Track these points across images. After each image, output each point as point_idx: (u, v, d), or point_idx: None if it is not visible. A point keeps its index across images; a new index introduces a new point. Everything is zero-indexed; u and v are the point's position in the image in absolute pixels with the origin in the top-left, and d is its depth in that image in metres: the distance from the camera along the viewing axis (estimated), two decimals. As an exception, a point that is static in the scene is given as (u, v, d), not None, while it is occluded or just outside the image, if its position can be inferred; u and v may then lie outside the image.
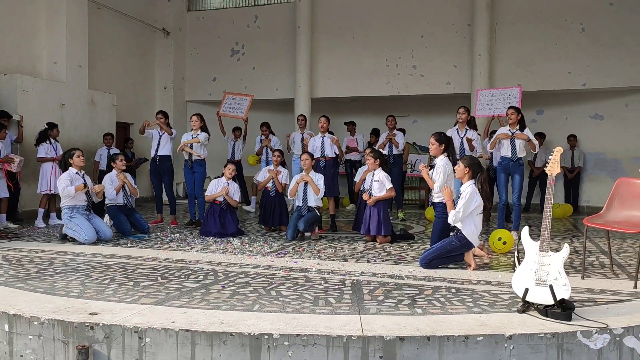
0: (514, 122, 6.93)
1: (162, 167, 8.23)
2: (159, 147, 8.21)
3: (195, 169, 8.02)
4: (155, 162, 8.23)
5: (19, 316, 3.45)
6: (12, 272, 4.78)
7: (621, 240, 6.66)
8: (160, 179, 8.33)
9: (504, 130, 7.02)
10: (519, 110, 7.02)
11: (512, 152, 6.92)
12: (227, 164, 7.56)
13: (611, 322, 3.25)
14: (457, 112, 7.53)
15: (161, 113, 8.38)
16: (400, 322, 3.28)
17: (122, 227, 7.08)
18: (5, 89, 8.81)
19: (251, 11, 13.06)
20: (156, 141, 8.25)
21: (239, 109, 9.50)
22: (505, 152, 6.98)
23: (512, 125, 6.95)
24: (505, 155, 6.99)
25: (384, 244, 6.42)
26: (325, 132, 7.95)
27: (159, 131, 8.27)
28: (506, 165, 7.01)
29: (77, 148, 6.92)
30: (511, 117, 6.93)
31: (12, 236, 6.98)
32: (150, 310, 3.54)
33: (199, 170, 8.06)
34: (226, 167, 7.42)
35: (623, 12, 10.48)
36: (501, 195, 7.04)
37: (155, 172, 8.30)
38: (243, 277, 4.57)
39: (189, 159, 8.05)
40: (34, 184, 8.69)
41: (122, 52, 11.99)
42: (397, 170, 8.89)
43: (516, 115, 6.91)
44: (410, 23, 11.72)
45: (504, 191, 7.03)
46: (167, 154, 8.24)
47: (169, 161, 8.27)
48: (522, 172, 7.01)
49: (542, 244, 3.47)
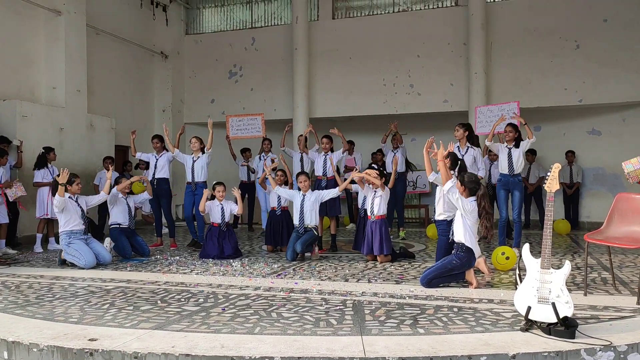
0: (510, 139, 6.96)
1: (160, 190, 8.21)
2: (156, 170, 8.22)
3: (197, 192, 7.99)
4: (153, 185, 8.23)
5: (18, 343, 3.42)
6: (11, 298, 4.75)
7: (622, 256, 6.64)
8: (158, 202, 8.31)
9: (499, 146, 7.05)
10: (517, 128, 7.05)
11: (509, 168, 6.94)
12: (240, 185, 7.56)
13: (615, 340, 3.23)
14: (455, 130, 7.48)
15: (157, 137, 8.39)
16: (403, 343, 3.25)
17: (123, 249, 7.06)
18: (4, 115, 8.85)
19: (248, 34, 13.19)
20: (153, 165, 8.27)
21: (252, 129, 9.57)
22: (503, 169, 7.00)
23: (509, 142, 6.98)
24: (503, 172, 7.01)
25: (385, 263, 6.39)
26: (327, 152, 8.00)
27: (155, 155, 8.29)
28: (506, 182, 7.02)
29: (76, 175, 6.89)
30: (509, 134, 6.96)
31: (11, 262, 6.95)
32: (150, 335, 3.51)
33: (201, 193, 8.03)
34: (215, 188, 7.31)
35: (617, 29, 10.59)
36: (501, 212, 7.04)
37: (154, 195, 8.29)
38: (243, 300, 4.54)
39: (193, 182, 8.03)
40: (32, 209, 8.68)
41: (120, 76, 12.07)
42: (400, 188, 8.93)
43: (514, 133, 6.95)
44: (406, 43, 11.82)
45: (504, 208, 7.03)
46: (165, 176, 8.24)
47: (166, 184, 8.27)
48: (521, 188, 7.03)
49: (544, 261, 3.46)
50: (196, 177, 7.99)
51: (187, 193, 8.14)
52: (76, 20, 10.22)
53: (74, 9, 10.15)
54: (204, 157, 8.03)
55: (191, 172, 8.01)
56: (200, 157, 8.03)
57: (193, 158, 8.07)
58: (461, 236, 4.92)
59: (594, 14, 10.76)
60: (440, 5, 11.94)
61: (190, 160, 8.09)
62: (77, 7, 10.22)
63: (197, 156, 8.06)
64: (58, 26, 9.95)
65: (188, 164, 8.08)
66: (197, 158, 8.04)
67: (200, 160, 8.02)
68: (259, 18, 13.32)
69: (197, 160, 8.03)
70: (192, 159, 8.06)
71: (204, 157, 8.04)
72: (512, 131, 6.95)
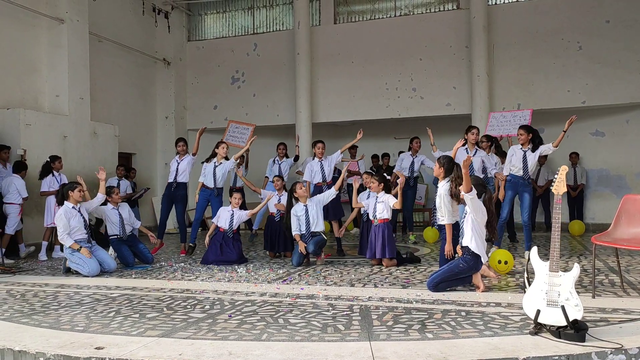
0: (524, 141, 6.88)
1: (177, 195, 8.20)
2: (177, 174, 8.20)
3: (218, 197, 7.97)
4: (170, 188, 8.20)
5: (24, 352, 3.40)
6: (17, 307, 4.73)
7: (629, 258, 6.60)
8: (171, 204, 8.27)
9: (515, 149, 7.00)
10: (530, 129, 6.96)
11: (524, 171, 6.86)
12: (231, 192, 7.57)
13: (625, 342, 3.20)
14: (471, 132, 7.33)
15: (182, 141, 8.44)
16: (412, 348, 3.22)
17: (125, 258, 7.04)
18: (8, 123, 8.86)
19: (250, 39, 13.21)
20: (174, 168, 8.25)
21: (241, 138, 9.61)
22: (517, 171, 6.91)
23: (523, 145, 6.91)
24: (516, 174, 6.93)
25: (391, 268, 6.37)
26: (322, 157, 8.00)
27: (177, 159, 8.29)
28: (515, 183, 6.94)
29: (77, 183, 6.87)
30: (521, 137, 6.90)
31: (15, 270, 6.94)
32: (156, 342, 3.49)
33: (221, 198, 8.06)
34: (232, 196, 7.50)
35: (619, 29, 10.58)
36: (503, 212, 6.96)
37: (168, 197, 8.24)
38: (250, 306, 4.52)
39: (215, 187, 7.95)
40: (37, 218, 8.68)
41: (123, 83, 12.09)
42: (411, 193, 8.96)
43: (526, 135, 6.86)
44: (408, 47, 11.83)
45: (507, 208, 6.97)
46: (184, 181, 8.24)
47: (184, 189, 8.27)
48: (531, 191, 6.97)
49: (552, 264, 3.43)
50: (217, 183, 7.95)
51: (201, 197, 8.05)
52: (79, 28, 10.25)
53: (77, 17, 10.18)
54: (227, 163, 8.01)
55: (212, 177, 7.96)
56: (223, 162, 8.00)
57: (215, 164, 8.03)
58: (468, 241, 4.89)
59: (596, 15, 10.75)
60: (442, 8, 11.94)
61: (211, 166, 8.02)
62: (79, 15, 10.26)
63: (219, 162, 8.01)
64: (61, 34, 9.97)
65: (209, 170, 8.02)
66: (219, 164, 8.00)
67: (222, 166, 7.98)
68: (261, 24, 13.35)
69: (219, 165, 7.98)
70: (214, 164, 8.01)
71: (227, 163, 8.02)
72: (523, 134, 6.86)
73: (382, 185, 6.69)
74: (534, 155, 6.87)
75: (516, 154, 6.96)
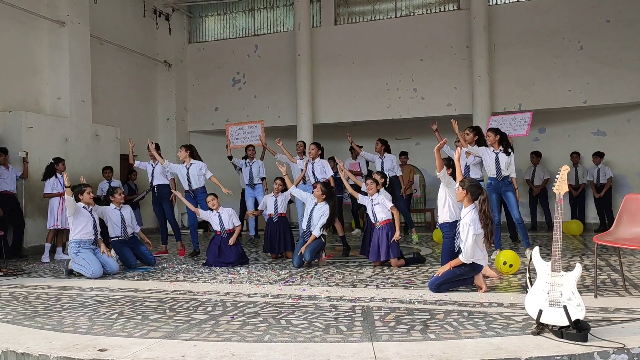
0: (492, 142, 6.91)
1: (161, 196, 8.28)
2: (153, 178, 8.27)
3: (198, 198, 7.93)
4: (154, 193, 8.27)
5: (27, 355, 3.41)
6: (20, 309, 4.74)
7: (631, 257, 6.59)
8: (161, 207, 8.34)
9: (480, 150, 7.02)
10: (498, 131, 7.00)
11: (497, 172, 6.89)
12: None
13: (628, 342, 3.19)
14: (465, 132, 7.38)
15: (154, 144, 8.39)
16: (414, 349, 3.23)
17: (126, 260, 7.04)
18: (9, 126, 8.88)
19: (251, 41, 13.23)
20: (150, 173, 8.30)
21: (251, 137, 9.61)
22: (492, 173, 6.95)
23: (494, 147, 6.93)
24: (492, 176, 6.97)
25: (393, 268, 6.37)
26: (315, 159, 8.04)
27: (152, 163, 8.31)
28: (496, 186, 6.98)
29: (87, 185, 6.90)
30: (489, 139, 6.94)
31: (18, 272, 6.96)
32: (159, 344, 3.49)
33: (201, 199, 7.94)
34: (206, 199, 7.41)
35: (620, 29, 10.58)
36: (494, 215, 6.97)
37: (156, 202, 8.34)
38: (252, 307, 4.52)
39: (190, 189, 7.97)
40: (39, 220, 8.70)
41: (124, 86, 12.12)
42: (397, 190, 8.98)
43: (494, 137, 6.91)
44: (409, 47, 11.84)
45: (496, 211, 7.00)
46: (164, 182, 8.28)
47: (166, 188, 8.31)
48: (512, 189, 6.98)
49: (554, 263, 3.44)
50: (193, 184, 7.96)
51: (187, 198, 8.06)
52: (80, 30, 10.28)
53: (78, 20, 10.21)
54: (196, 164, 7.99)
55: (187, 180, 7.98)
56: (193, 163, 7.99)
57: (186, 166, 8.02)
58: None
59: (596, 14, 10.75)
60: (443, 9, 11.95)
61: (183, 169, 8.04)
62: (80, 17, 10.28)
63: (188, 164, 8.00)
64: (62, 37, 10.00)
65: (182, 173, 8.04)
66: (189, 166, 7.99)
67: (192, 167, 7.97)
68: (262, 25, 13.37)
69: (190, 167, 7.98)
70: (186, 167, 8.01)
71: (195, 164, 7.99)
72: (490, 135, 6.93)
73: (378, 186, 6.70)
74: (509, 158, 6.89)
75: (488, 154, 6.95)
